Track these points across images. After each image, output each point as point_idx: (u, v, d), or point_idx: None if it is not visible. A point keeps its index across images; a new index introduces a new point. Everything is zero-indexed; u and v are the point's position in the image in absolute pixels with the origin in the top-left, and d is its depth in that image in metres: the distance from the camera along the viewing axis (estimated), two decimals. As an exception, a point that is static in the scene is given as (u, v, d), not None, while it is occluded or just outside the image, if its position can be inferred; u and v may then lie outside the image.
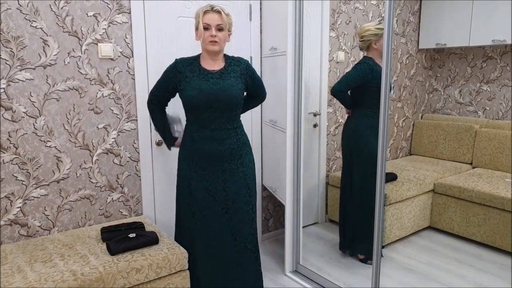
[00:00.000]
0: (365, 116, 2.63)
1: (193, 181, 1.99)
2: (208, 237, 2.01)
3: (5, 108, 1.99)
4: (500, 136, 3.45)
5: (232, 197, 2.01)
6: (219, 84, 1.93)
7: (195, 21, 1.94)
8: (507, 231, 2.85)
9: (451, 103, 4.06)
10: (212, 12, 1.89)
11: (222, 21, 1.89)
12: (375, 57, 2.66)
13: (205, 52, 1.98)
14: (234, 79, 1.97)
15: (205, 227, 2.00)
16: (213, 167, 1.98)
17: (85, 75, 2.20)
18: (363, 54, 2.78)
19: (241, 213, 2.03)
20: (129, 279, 1.81)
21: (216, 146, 1.96)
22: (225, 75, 1.96)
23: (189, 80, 1.93)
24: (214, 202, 1.99)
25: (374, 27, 2.60)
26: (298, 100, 2.48)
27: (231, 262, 2.03)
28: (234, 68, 2.00)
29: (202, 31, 1.90)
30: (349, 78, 2.67)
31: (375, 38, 2.60)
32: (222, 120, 1.95)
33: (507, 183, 3.07)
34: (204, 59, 1.99)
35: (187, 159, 2.02)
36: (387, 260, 2.82)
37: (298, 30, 2.41)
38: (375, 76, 2.58)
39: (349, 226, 2.78)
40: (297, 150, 2.53)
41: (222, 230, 2.01)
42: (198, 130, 1.97)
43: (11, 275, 1.71)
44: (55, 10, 2.06)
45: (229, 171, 2.00)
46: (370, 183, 2.66)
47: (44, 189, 2.15)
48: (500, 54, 3.64)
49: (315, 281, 2.52)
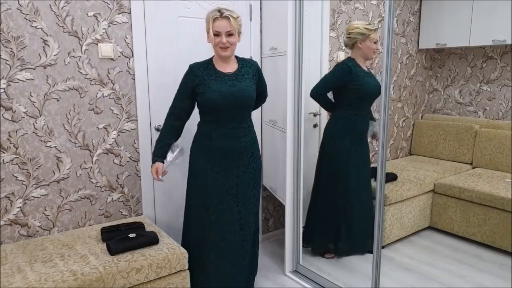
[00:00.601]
0: (342, 118, 2.63)
1: (209, 178, 2.08)
2: (220, 229, 2.11)
3: (5, 108, 1.99)
4: (500, 136, 3.45)
5: (242, 191, 2.14)
6: (236, 86, 2.03)
7: (206, 26, 2.00)
8: (507, 231, 2.85)
9: (451, 103, 4.06)
10: (221, 18, 1.94)
11: (231, 27, 1.95)
12: (358, 58, 2.66)
13: (217, 55, 2.06)
14: (248, 80, 2.08)
15: (218, 220, 2.10)
16: (229, 163, 2.09)
17: (85, 75, 2.20)
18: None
19: (249, 205, 2.18)
20: (129, 279, 1.81)
21: (233, 143, 2.07)
22: (240, 77, 2.06)
23: (208, 83, 2.01)
24: (227, 196, 2.11)
25: (363, 26, 2.59)
26: (298, 100, 2.48)
27: (237, 249, 2.16)
28: (247, 70, 2.10)
29: (213, 37, 1.97)
30: (326, 80, 2.67)
31: (361, 37, 2.59)
32: (238, 119, 2.07)
33: (507, 183, 3.07)
34: (217, 62, 2.07)
35: (204, 157, 2.10)
36: (387, 260, 2.82)
37: (298, 30, 2.40)
38: (354, 77, 2.59)
39: (316, 222, 2.81)
40: (297, 150, 2.53)
41: (233, 221, 2.14)
42: (216, 129, 2.06)
43: (11, 275, 1.71)
44: (55, 10, 2.06)
45: (242, 167, 2.12)
46: (337, 182, 2.68)
47: (44, 189, 2.15)
48: (500, 54, 3.64)
49: (315, 281, 2.52)
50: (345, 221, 2.73)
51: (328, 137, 2.71)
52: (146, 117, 2.43)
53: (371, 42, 2.60)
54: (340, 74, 2.56)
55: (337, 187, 2.69)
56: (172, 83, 2.51)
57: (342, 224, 2.73)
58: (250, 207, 2.19)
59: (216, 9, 1.96)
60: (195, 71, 2.04)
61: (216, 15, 1.95)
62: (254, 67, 2.14)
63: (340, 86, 2.58)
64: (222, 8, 1.96)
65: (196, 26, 2.55)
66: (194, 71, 2.04)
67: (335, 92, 2.63)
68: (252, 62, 2.17)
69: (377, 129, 2.73)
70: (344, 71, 2.57)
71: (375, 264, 2.15)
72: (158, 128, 2.48)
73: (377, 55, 2.86)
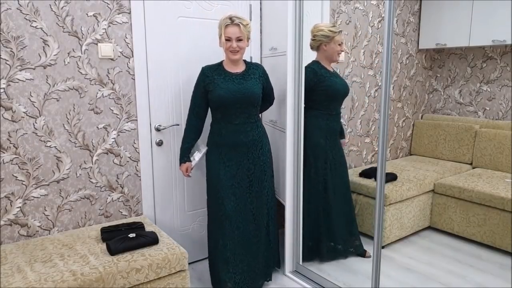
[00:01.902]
0: (315, 117, 2.63)
1: (221, 172, 2.27)
2: (234, 219, 2.28)
3: (5, 108, 1.99)
4: (500, 136, 3.45)
5: (253, 183, 2.32)
6: (242, 84, 2.23)
7: (218, 31, 2.20)
8: (507, 231, 2.85)
9: (451, 103, 4.06)
10: (232, 25, 2.15)
11: (241, 34, 2.16)
12: (323, 60, 2.65)
13: (227, 58, 2.26)
14: (254, 80, 2.28)
15: (232, 211, 2.27)
16: (239, 157, 2.28)
17: (85, 75, 2.20)
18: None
19: (261, 197, 2.35)
20: (129, 279, 1.81)
21: (242, 137, 2.26)
22: (247, 77, 2.27)
23: (217, 81, 2.22)
24: (240, 188, 2.29)
25: (328, 28, 2.57)
26: (298, 100, 2.48)
27: (252, 239, 2.34)
28: (253, 71, 2.30)
29: (224, 42, 2.17)
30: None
31: (326, 39, 2.58)
32: (245, 115, 2.25)
33: (507, 183, 3.07)
34: (227, 64, 2.28)
35: (216, 153, 2.29)
36: (387, 260, 2.82)
37: (298, 30, 2.41)
38: (320, 79, 2.59)
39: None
40: (297, 150, 2.53)
41: (246, 212, 2.31)
42: (225, 126, 2.26)
43: (11, 275, 1.71)
44: (55, 10, 2.06)
45: (252, 160, 2.31)
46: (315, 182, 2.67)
47: (44, 189, 2.15)
48: (500, 54, 3.64)
49: (315, 281, 2.52)
50: (325, 222, 2.73)
51: (305, 139, 2.69)
52: (146, 117, 2.43)
53: (335, 44, 2.59)
54: (305, 78, 2.53)
55: (315, 187, 2.69)
56: (172, 83, 2.52)
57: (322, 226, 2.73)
58: (262, 198, 2.35)
59: (228, 17, 2.15)
60: (206, 72, 2.26)
61: (227, 22, 2.14)
62: (260, 70, 2.35)
63: (309, 89, 2.56)
64: (233, 16, 2.15)
65: (196, 26, 2.55)
66: (205, 72, 2.26)
67: (306, 94, 2.59)
68: (259, 65, 2.38)
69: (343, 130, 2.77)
70: (309, 75, 2.57)
71: (375, 264, 2.15)
72: (158, 128, 2.49)
73: (341, 55, 2.83)
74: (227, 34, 2.15)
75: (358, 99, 3.48)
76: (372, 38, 3.50)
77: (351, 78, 3.39)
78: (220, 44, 2.23)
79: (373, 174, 3.10)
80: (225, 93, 2.18)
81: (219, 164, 2.28)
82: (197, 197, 2.73)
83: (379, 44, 3.55)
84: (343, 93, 2.71)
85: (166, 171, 2.57)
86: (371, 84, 3.56)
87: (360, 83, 3.48)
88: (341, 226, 2.78)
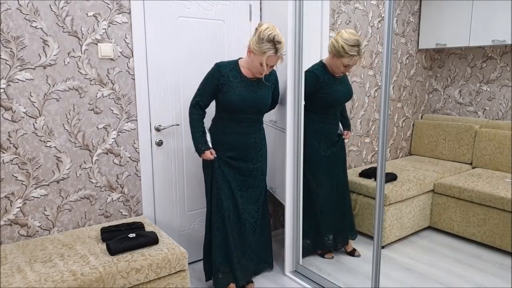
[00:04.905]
0: (311, 121, 2.62)
1: (222, 168, 2.28)
2: (233, 219, 2.33)
3: (5, 108, 1.99)
4: (500, 136, 3.45)
5: (249, 183, 2.37)
6: (256, 92, 2.23)
7: (257, 50, 2.06)
8: (507, 231, 2.85)
9: (451, 103, 4.06)
10: (275, 56, 2.08)
11: (276, 63, 2.14)
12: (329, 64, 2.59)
13: (252, 72, 2.20)
14: (267, 89, 2.29)
15: (228, 206, 2.30)
16: (240, 157, 2.30)
17: (85, 75, 2.20)
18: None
19: (252, 195, 2.39)
20: (129, 279, 1.81)
21: (245, 139, 2.29)
22: (261, 84, 2.25)
23: (233, 85, 2.18)
24: (236, 187, 2.33)
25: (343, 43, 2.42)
26: (298, 100, 2.48)
27: (248, 235, 2.41)
28: (267, 78, 2.27)
29: (259, 65, 2.10)
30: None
31: (334, 52, 2.48)
32: (252, 120, 2.28)
33: (507, 183, 3.08)
34: (244, 67, 2.23)
35: (217, 150, 2.28)
36: (387, 260, 2.82)
37: (298, 30, 2.40)
38: (321, 86, 2.58)
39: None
40: (297, 150, 2.53)
41: (244, 210, 2.36)
42: (230, 126, 2.27)
43: (11, 275, 1.71)
44: (55, 10, 2.06)
45: (251, 161, 2.34)
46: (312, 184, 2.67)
47: (44, 189, 2.15)
48: (500, 54, 3.64)
49: (315, 281, 2.52)
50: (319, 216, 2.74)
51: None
52: (146, 117, 2.43)
53: (341, 63, 2.49)
54: (306, 82, 2.51)
55: (312, 189, 2.69)
56: (172, 83, 2.52)
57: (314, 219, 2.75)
58: (258, 197, 2.41)
59: (273, 45, 2.04)
60: (222, 70, 2.19)
61: (272, 53, 2.05)
62: (273, 76, 2.34)
63: (308, 94, 2.52)
64: (278, 46, 2.05)
65: (196, 26, 2.55)
66: (221, 70, 2.19)
67: (305, 97, 2.53)
68: (273, 71, 2.32)
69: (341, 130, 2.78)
70: (311, 80, 2.54)
71: (375, 264, 2.15)
72: (158, 128, 2.49)
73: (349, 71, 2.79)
74: (268, 62, 2.09)
75: (358, 99, 3.48)
76: (372, 38, 3.50)
77: (351, 78, 3.39)
78: (248, 55, 2.15)
79: (373, 174, 3.10)
80: (237, 100, 2.17)
81: (220, 162, 2.28)
82: (197, 197, 2.73)
83: (379, 44, 3.56)
84: (343, 101, 2.69)
85: (166, 171, 2.57)
86: (371, 84, 3.56)
87: (360, 83, 3.48)
88: (335, 220, 2.77)
